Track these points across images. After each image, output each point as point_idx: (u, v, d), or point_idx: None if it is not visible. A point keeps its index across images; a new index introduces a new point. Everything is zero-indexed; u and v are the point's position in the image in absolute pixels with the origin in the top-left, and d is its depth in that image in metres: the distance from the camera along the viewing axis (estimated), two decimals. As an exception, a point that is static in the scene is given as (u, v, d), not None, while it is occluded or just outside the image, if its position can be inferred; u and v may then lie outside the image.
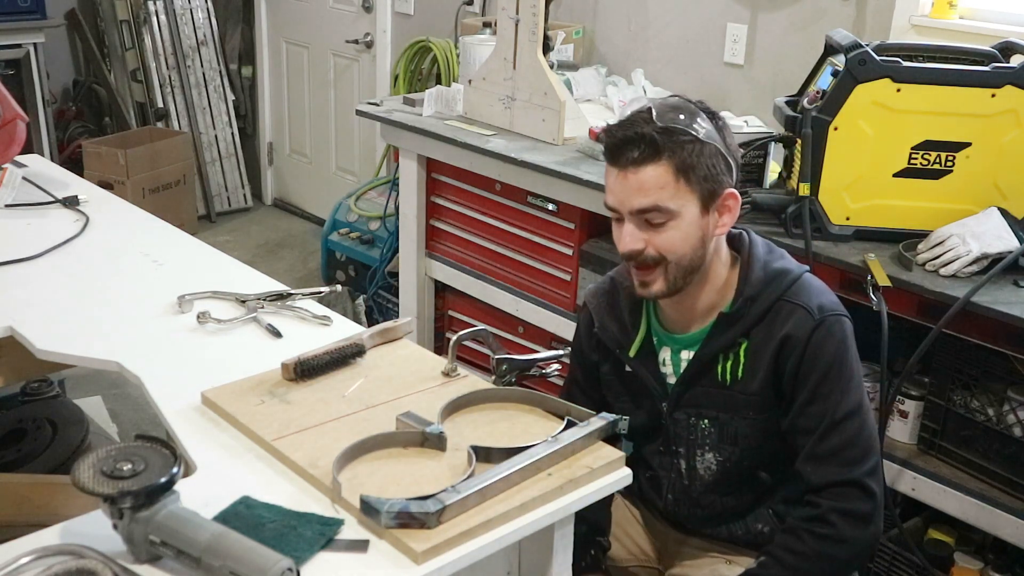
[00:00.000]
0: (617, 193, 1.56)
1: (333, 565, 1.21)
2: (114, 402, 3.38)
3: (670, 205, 1.52)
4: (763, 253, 1.63)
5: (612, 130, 1.56)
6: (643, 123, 1.52)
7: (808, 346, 1.55)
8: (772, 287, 1.59)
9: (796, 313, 1.56)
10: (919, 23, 2.82)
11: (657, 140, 1.50)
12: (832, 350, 1.55)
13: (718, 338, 1.61)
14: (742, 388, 1.61)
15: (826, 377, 1.55)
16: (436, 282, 3.42)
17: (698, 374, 1.64)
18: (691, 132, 1.51)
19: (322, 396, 1.58)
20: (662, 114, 1.52)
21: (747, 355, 1.60)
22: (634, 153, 1.51)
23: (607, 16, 3.61)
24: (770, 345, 1.57)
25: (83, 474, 1.19)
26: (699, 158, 1.52)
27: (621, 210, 1.56)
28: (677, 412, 1.67)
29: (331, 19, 4.87)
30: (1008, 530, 2.04)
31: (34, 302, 1.92)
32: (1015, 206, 2.16)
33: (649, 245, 1.55)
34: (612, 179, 1.56)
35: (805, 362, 1.55)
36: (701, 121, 1.53)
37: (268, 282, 2.06)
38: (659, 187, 1.51)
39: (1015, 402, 2.04)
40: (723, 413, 1.63)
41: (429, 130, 3.10)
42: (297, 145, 5.39)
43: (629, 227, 1.56)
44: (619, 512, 1.84)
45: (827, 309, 1.58)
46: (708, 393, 1.64)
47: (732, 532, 1.72)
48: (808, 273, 1.63)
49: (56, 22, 4.88)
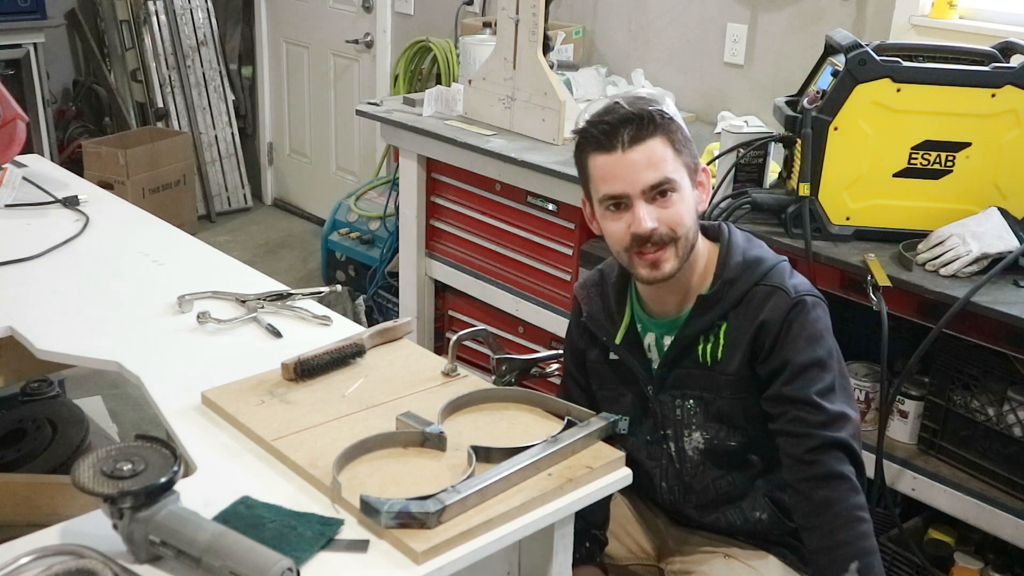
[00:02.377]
0: (622, 175, 1.55)
1: (333, 565, 1.21)
2: (114, 402, 3.38)
3: (674, 176, 1.56)
4: (742, 240, 1.67)
5: (593, 123, 1.57)
6: (620, 109, 1.56)
7: (784, 324, 1.57)
8: (749, 272, 1.61)
9: (773, 296, 1.59)
10: (919, 23, 2.82)
11: (645, 116, 1.54)
12: (809, 327, 1.57)
13: (698, 320, 1.63)
14: (721, 369, 1.63)
15: (804, 351, 1.56)
16: (436, 282, 3.42)
17: (679, 355, 1.66)
18: (666, 112, 1.57)
19: (322, 396, 1.58)
20: (632, 102, 1.57)
21: (726, 337, 1.62)
22: (630, 131, 1.54)
23: (607, 16, 3.61)
24: (748, 328, 1.59)
25: (83, 474, 1.19)
26: (679, 134, 1.58)
27: (631, 191, 1.55)
28: (662, 394, 1.69)
29: (331, 19, 4.86)
30: (1008, 530, 2.04)
31: (34, 302, 1.92)
32: (1015, 206, 2.16)
33: (661, 223, 1.56)
34: (611, 166, 1.55)
35: (781, 339, 1.57)
36: (669, 102, 1.59)
37: (268, 282, 2.06)
38: (663, 159, 1.55)
39: (1015, 402, 2.04)
40: (706, 392, 1.65)
41: (429, 130, 3.10)
42: (297, 145, 5.39)
43: (642, 207, 1.55)
44: (618, 510, 1.84)
45: (803, 290, 1.60)
46: (690, 374, 1.65)
47: (731, 521, 1.72)
48: (785, 262, 1.66)
49: (56, 22, 4.89)
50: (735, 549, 1.73)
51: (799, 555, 1.72)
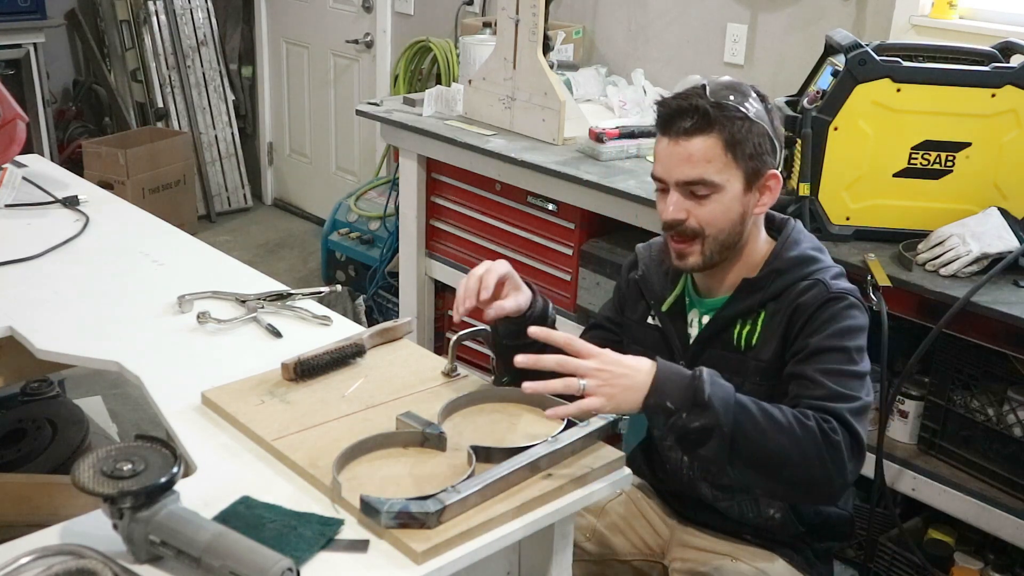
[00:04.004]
0: (664, 162, 1.58)
1: (333, 565, 1.21)
2: (114, 402, 3.38)
3: (715, 179, 1.55)
4: (804, 238, 1.66)
5: (667, 100, 1.59)
6: (697, 96, 1.55)
7: (816, 312, 1.55)
8: (799, 268, 1.61)
9: (813, 288, 1.58)
10: (919, 23, 2.82)
11: (710, 112, 1.53)
12: (839, 320, 1.54)
13: (738, 303, 1.63)
14: (755, 355, 1.62)
15: (827, 338, 1.52)
16: (436, 282, 3.42)
17: (714, 335, 1.66)
18: (742, 110, 1.55)
19: (322, 396, 1.58)
20: (715, 91, 1.55)
21: (763, 324, 1.62)
22: (686, 123, 1.54)
23: (607, 16, 3.61)
24: (783, 316, 1.59)
25: (83, 474, 1.19)
26: (747, 135, 1.55)
27: (667, 179, 1.58)
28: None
29: (331, 19, 4.87)
30: (1008, 530, 2.04)
31: (34, 302, 1.92)
32: (1015, 206, 2.16)
33: (691, 216, 1.58)
34: (661, 148, 1.59)
35: (809, 325, 1.55)
36: (752, 101, 1.57)
37: (268, 282, 2.06)
38: (706, 160, 1.54)
39: (1015, 402, 2.04)
40: (735, 376, 1.62)
41: (429, 130, 3.10)
42: (297, 145, 5.39)
43: (674, 196, 1.58)
44: (623, 507, 1.85)
45: (844, 289, 1.58)
46: (722, 356, 1.65)
47: (743, 512, 1.72)
48: (839, 268, 1.64)
49: (56, 22, 4.88)
50: (741, 550, 1.72)
51: (805, 557, 1.72)
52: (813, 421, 1.40)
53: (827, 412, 1.43)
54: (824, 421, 1.41)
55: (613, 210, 2.67)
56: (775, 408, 1.41)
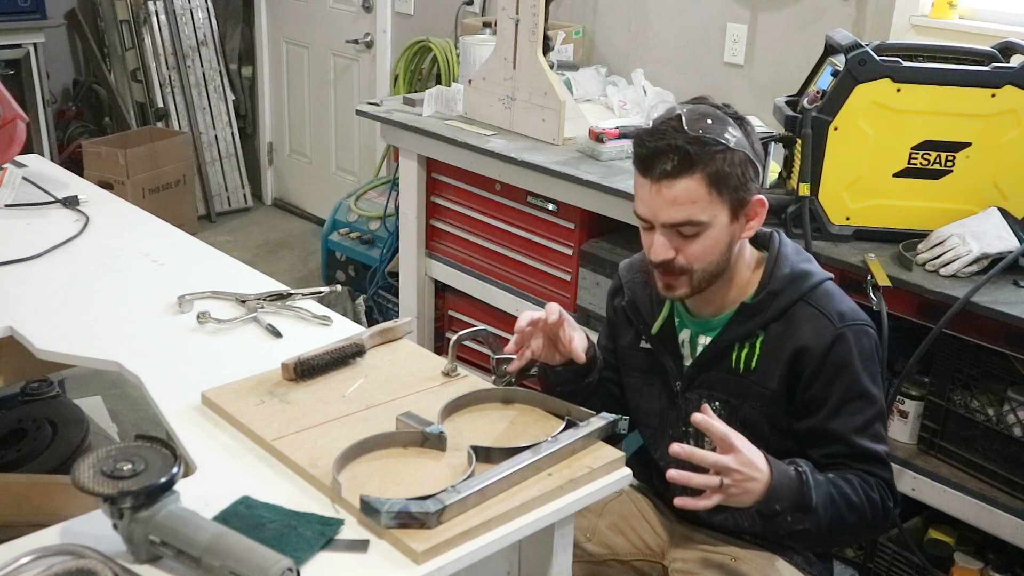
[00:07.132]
0: (649, 204, 1.56)
1: (333, 565, 1.22)
2: (114, 402, 3.38)
3: (702, 217, 1.53)
4: (791, 252, 1.65)
5: (643, 139, 1.54)
6: (674, 133, 1.50)
7: (827, 357, 1.56)
8: (795, 286, 1.60)
9: (817, 321, 1.57)
10: (919, 23, 2.82)
11: (690, 152, 1.49)
12: (852, 364, 1.56)
13: (737, 327, 1.63)
14: (756, 379, 1.62)
15: (846, 387, 1.57)
16: (436, 282, 3.42)
17: (713, 359, 1.66)
18: (722, 142, 1.50)
19: (322, 396, 1.58)
20: (692, 122, 1.50)
21: (762, 347, 1.61)
22: (667, 166, 1.50)
23: (607, 16, 3.61)
24: (786, 347, 1.58)
25: (83, 474, 1.19)
26: (731, 167, 1.51)
27: (653, 221, 1.57)
28: (689, 392, 1.69)
29: (331, 19, 4.86)
30: (1008, 530, 2.04)
31: (34, 302, 1.92)
32: (1015, 206, 2.16)
33: (679, 254, 1.56)
34: (644, 190, 1.56)
35: (824, 372, 1.56)
36: (731, 128, 1.52)
37: (268, 282, 2.06)
38: (691, 201, 1.52)
39: (1015, 402, 2.04)
40: (734, 398, 1.65)
41: (429, 130, 3.10)
42: (297, 145, 5.39)
43: (660, 238, 1.56)
44: (623, 506, 1.85)
45: (848, 318, 1.58)
46: (721, 378, 1.65)
47: (739, 523, 1.72)
48: (831, 281, 1.64)
49: (56, 22, 4.88)
50: (741, 550, 1.72)
51: (805, 557, 1.72)
52: (877, 493, 1.56)
53: (874, 476, 1.57)
54: (880, 488, 1.57)
55: (613, 210, 2.67)
56: (849, 488, 1.54)
